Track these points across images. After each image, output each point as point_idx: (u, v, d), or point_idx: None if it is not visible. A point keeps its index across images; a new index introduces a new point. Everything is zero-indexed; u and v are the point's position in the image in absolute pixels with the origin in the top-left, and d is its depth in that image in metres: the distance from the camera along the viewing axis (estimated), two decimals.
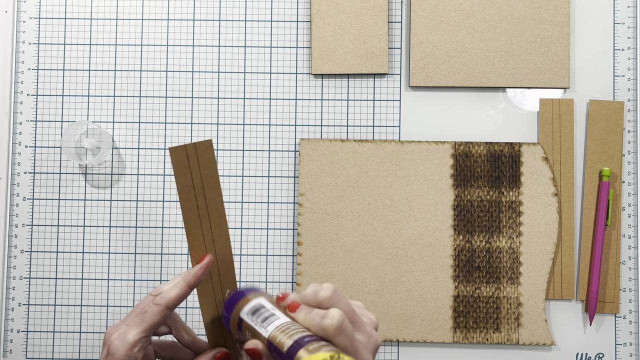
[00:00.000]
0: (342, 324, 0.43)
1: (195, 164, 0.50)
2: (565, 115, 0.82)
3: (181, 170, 0.49)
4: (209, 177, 0.51)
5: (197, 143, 0.50)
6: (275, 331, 0.45)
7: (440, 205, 0.81)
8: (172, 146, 0.48)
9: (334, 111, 0.83)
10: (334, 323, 0.43)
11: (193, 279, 0.50)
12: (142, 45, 0.85)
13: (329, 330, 0.43)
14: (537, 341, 0.80)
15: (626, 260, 0.81)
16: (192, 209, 0.50)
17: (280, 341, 0.44)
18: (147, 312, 0.50)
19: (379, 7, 0.83)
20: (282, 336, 0.44)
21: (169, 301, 0.50)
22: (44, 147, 0.84)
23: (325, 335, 0.44)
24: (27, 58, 0.85)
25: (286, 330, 0.44)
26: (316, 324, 0.44)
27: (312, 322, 0.45)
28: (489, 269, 0.81)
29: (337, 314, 0.44)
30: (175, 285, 0.50)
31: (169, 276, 0.83)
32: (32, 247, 0.83)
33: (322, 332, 0.44)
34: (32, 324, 0.83)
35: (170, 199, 0.83)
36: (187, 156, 0.50)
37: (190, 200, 0.50)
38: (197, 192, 0.50)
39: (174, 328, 0.56)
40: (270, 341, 0.45)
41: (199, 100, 0.84)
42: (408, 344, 0.81)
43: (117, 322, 0.51)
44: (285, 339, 0.44)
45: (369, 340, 0.46)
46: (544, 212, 0.81)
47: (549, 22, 0.82)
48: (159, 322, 0.50)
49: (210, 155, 0.51)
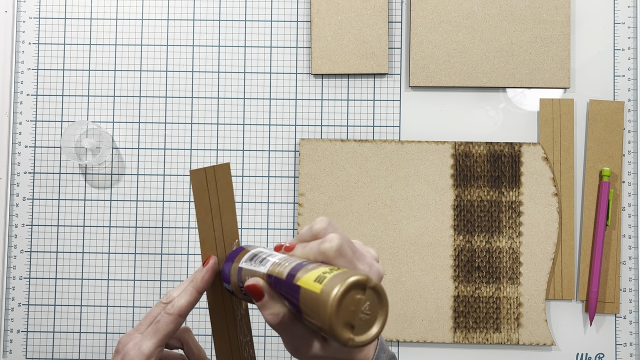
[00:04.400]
0: (342, 247, 0.42)
1: (213, 187, 0.51)
2: (566, 115, 0.82)
3: (200, 193, 0.50)
4: (226, 200, 0.51)
5: (216, 166, 0.51)
6: (273, 266, 0.44)
7: (440, 205, 0.81)
8: (193, 169, 0.49)
9: (334, 111, 0.83)
10: (332, 245, 0.42)
11: (201, 283, 0.50)
12: (142, 45, 0.85)
13: (329, 252, 0.42)
14: (537, 341, 0.80)
15: (626, 260, 0.81)
16: (209, 231, 0.51)
17: (280, 270, 0.42)
18: (160, 322, 0.50)
19: (379, 7, 0.82)
20: (280, 267, 0.43)
21: (180, 309, 0.50)
22: (43, 147, 0.84)
23: (325, 259, 0.42)
24: (27, 58, 0.85)
25: (284, 262, 0.43)
26: (315, 251, 0.43)
27: (311, 251, 0.43)
28: (489, 269, 0.81)
29: (336, 237, 0.42)
30: (185, 292, 0.50)
31: (169, 276, 0.83)
32: (31, 247, 0.83)
33: (322, 256, 0.42)
34: (32, 324, 0.83)
35: (170, 199, 0.83)
36: (206, 179, 0.50)
37: (207, 222, 0.51)
38: (214, 214, 0.51)
39: (185, 343, 0.55)
40: (269, 274, 0.43)
41: (198, 100, 0.84)
42: (408, 344, 0.81)
43: (130, 331, 0.51)
44: (283, 267, 0.42)
45: (370, 269, 0.44)
46: (544, 212, 0.81)
47: (549, 22, 0.82)
48: (173, 331, 0.50)
49: (228, 179, 0.51)
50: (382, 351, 0.47)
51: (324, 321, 0.37)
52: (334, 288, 0.37)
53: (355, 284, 0.37)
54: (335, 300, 0.36)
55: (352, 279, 0.37)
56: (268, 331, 0.82)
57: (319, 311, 0.37)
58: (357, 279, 0.37)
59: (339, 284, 0.37)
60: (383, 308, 0.38)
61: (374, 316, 0.38)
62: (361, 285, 0.37)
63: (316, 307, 0.38)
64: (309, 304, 0.38)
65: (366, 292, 0.38)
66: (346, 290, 0.37)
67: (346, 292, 0.37)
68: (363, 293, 0.38)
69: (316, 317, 0.38)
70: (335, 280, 0.37)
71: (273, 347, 0.82)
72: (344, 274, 0.38)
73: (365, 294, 0.38)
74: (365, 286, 0.38)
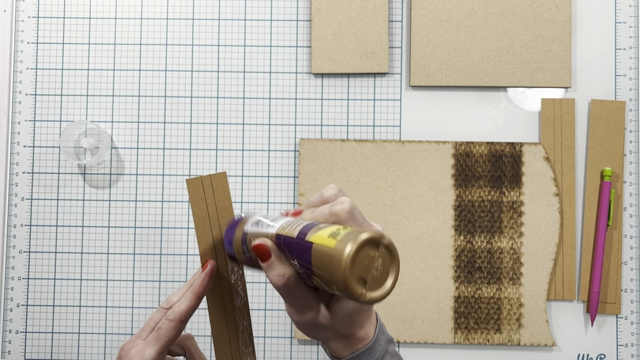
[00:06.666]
0: (354, 210, 0.43)
1: (210, 196, 0.51)
2: (567, 115, 0.82)
3: (197, 202, 0.51)
4: (224, 209, 0.52)
5: (212, 175, 0.52)
6: (283, 227, 0.44)
7: (441, 205, 0.81)
8: (188, 178, 0.50)
9: (334, 111, 0.83)
10: (345, 207, 0.42)
11: (200, 288, 0.50)
12: (141, 44, 0.84)
13: (341, 213, 0.42)
14: (539, 342, 0.79)
15: (628, 261, 0.81)
16: (208, 239, 0.51)
17: (290, 230, 0.42)
18: (162, 329, 0.50)
19: (379, 6, 0.82)
20: (290, 227, 0.43)
21: (181, 315, 0.50)
22: (42, 147, 0.84)
23: (336, 220, 0.42)
24: (25, 57, 0.84)
25: (293, 223, 0.43)
26: (326, 213, 0.43)
27: (321, 213, 0.43)
28: (490, 269, 0.80)
29: (347, 200, 0.43)
30: (185, 298, 0.51)
31: (168, 277, 0.82)
32: (30, 248, 0.83)
33: (334, 217, 0.42)
34: (31, 324, 0.82)
35: (169, 199, 0.83)
36: (203, 187, 0.51)
37: (205, 231, 0.51)
38: (212, 222, 0.51)
39: (187, 350, 0.56)
40: (279, 234, 0.43)
41: (198, 99, 0.84)
42: (409, 345, 0.81)
43: (132, 337, 0.52)
44: (294, 227, 0.42)
45: None
46: (545, 212, 0.80)
47: (550, 22, 0.82)
48: (175, 337, 0.51)
49: (225, 187, 0.52)
50: (381, 333, 0.48)
51: (338, 276, 0.37)
52: (349, 242, 0.37)
53: (370, 240, 0.38)
54: (351, 254, 0.37)
55: (367, 234, 0.38)
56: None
57: (332, 266, 0.38)
58: (373, 235, 0.38)
59: (353, 239, 0.37)
60: (395, 267, 0.39)
61: (385, 274, 0.39)
62: (375, 242, 0.38)
63: (330, 262, 0.38)
64: (322, 260, 0.39)
65: (379, 250, 0.38)
66: (361, 245, 0.37)
67: (361, 247, 0.37)
68: (376, 250, 0.38)
69: (328, 273, 0.38)
70: (350, 235, 0.38)
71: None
72: (358, 231, 0.38)
73: (379, 252, 0.38)
74: (379, 243, 0.38)
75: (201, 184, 0.51)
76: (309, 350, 0.81)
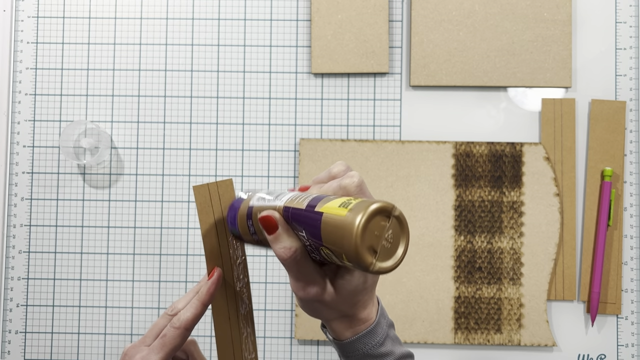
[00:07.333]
0: (363, 184, 0.43)
1: (217, 202, 0.51)
2: (567, 115, 0.82)
3: (204, 208, 0.51)
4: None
5: (219, 182, 0.52)
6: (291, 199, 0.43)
7: (441, 205, 0.81)
8: (195, 185, 0.50)
9: (334, 111, 0.83)
10: (354, 180, 0.42)
11: (207, 296, 0.50)
12: (141, 44, 0.84)
13: (350, 186, 0.42)
14: (539, 342, 0.79)
15: (628, 261, 0.81)
16: (214, 246, 0.51)
17: (299, 202, 0.42)
18: (167, 336, 0.50)
19: (379, 6, 0.82)
20: (298, 199, 0.43)
21: (186, 323, 0.50)
22: (42, 146, 0.83)
23: (345, 193, 0.43)
24: (25, 57, 0.84)
25: (302, 196, 0.43)
26: (335, 186, 0.43)
27: (330, 187, 0.43)
28: (491, 269, 0.80)
29: (357, 174, 0.43)
30: (191, 305, 0.50)
31: (168, 277, 0.82)
32: (30, 248, 0.83)
33: (343, 190, 0.43)
34: (31, 324, 0.82)
35: (169, 199, 0.83)
36: (210, 194, 0.51)
37: (212, 238, 0.51)
38: (219, 229, 0.51)
39: (190, 355, 0.56)
40: (287, 207, 0.43)
41: (198, 99, 0.83)
42: (409, 345, 0.81)
43: (136, 342, 0.51)
44: (303, 200, 0.42)
45: None
46: (546, 212, 0.80)
47: (551, 21, 0.82)
48: (179, 345, 0.50)
49: (231, 194, 0.52)
50: (382, 316, 0.48)
51: (349, 245, 0.37)
52: (361, 211, 0.37)
53: (381, 210, 0.37)
54: (362, 223, 0.37)
55: (379, 204, 0.37)
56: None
57: (343, 235, 0.37)
58: (384, 205, 0.38)
59: (365, 208, 0.37)
60: (405, 239, 0.39)
61: (395, 245, 0.39)
62: (386, 212, 0.38)
63: (340, 231, 0.38)
64: (332, 229, 0.38)
65: (390, 221, 0.38)
66: (373, 214, 0.37)
67: (372, 216, 0.37)
68: (387, 220, 0.38)
69: (339, 243, 0.38)
70: (362, 205, 0.37)
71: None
72: (369, 201, 0.38)
73: (390, 222, 0.38)
74: (390, 214, 0.38)
75: (208, 190, 0.51)
76: (309, 350, 0.81)
